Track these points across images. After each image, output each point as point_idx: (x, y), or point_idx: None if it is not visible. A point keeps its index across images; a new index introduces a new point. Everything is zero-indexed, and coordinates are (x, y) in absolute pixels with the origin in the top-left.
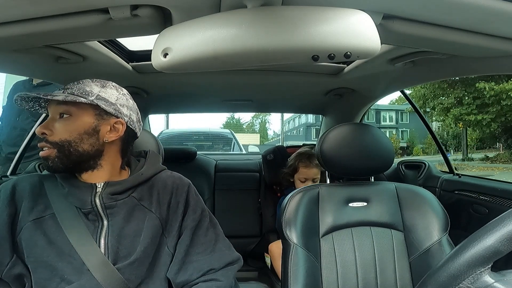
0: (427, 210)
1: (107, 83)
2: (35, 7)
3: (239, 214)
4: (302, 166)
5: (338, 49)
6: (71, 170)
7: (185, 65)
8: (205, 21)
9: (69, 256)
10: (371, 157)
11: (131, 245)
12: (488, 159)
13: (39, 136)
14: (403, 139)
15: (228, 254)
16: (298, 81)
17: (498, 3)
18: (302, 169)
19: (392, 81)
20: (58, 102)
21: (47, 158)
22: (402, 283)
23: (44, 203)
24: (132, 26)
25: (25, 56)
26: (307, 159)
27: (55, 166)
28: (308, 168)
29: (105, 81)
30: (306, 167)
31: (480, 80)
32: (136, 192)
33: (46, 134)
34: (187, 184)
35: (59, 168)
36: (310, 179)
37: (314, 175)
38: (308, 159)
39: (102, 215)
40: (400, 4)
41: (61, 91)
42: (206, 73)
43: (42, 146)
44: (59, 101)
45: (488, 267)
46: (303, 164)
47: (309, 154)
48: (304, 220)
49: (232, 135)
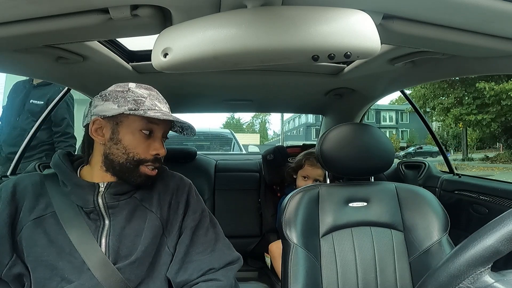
0: (427, 210)
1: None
2: (35, 7)
3: (239, 214)
4: (308, 164)
5: (338, 49)
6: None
7: (185, 65)
8: (205, 21)
9: (69, 255)
10: (371, 157)
11: (132, 245)
12: (488, 159)
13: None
14: (403, 139)
15: (228, 253)
16: (298, 81)
17: (498, 3)
18: (307, 167)
19: (392, 81)
20: (169, 126)
21: (153, 178)
22: (402, 283)
23: (45, 202)
24: (132, 26)
25: (25, 56)
26: (314, 158)
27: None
28: (313, 167)
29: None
30: (311, 165)
31: (480, 80)
32: (138, 193)
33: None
34: (188, 184)
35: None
36: (312, 179)
37: (317, 175)
38: (316, 159)
39: (104, 215)
40: (400, 4)
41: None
42: (206, 73)
43: (157, 168)
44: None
45: (488, 267)
46: (309, 162)
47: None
48: (304, 220)
49: (232, 135)
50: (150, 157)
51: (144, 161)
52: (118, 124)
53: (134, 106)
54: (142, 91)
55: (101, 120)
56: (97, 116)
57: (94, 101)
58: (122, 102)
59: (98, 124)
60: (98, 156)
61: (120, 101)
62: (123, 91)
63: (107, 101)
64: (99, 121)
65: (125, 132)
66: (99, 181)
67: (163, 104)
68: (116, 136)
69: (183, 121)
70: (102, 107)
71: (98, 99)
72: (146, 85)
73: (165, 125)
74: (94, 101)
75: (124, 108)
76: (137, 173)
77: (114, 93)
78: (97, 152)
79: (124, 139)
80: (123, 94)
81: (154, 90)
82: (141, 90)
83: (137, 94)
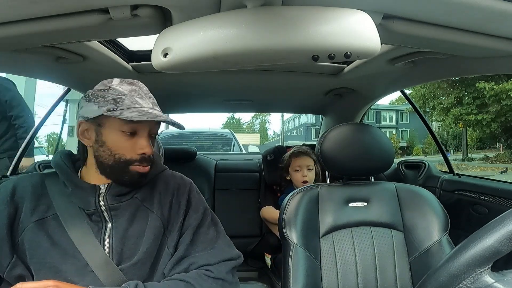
0: (427, 210)
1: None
2: (35, 7)
3: (239, 214)
4: (293, 157)
5: (338, 49)
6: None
7: (185, 65)
8: (205, 21)
9: (73, 257)
10: (371, 157)
11: (135, 246)
12: (488, 159)
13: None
14: (403, 139)
15: (227, 251)
16: (298, 81)
17: (498, 3)
18: (294, 159)
19: (392, 81)
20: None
21: (147, 175)
22: (402, 283)
23: (47, 204)
24: (132, 26)
25: (25, 56)
26: (297, 151)
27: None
28: (298, 157)
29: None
30: (296, 156)
31: (480, 80)
32: (139, 193)
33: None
34: (189, 183)
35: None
36: (304, 167)
37: (307, 163)
38: (298, 151)
39: (106, 217)
40: (400, 4)
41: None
42: (206, 73)
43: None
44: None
45: (488, 267)
46: (294, 155)
47: (299, 149)
48: (304, 220)
49: (232, 135)
50: (137, 157)
51: (132, 161)
52: (100, 126)
53: (113, 106)
54: (124, 88)
55: (85, 122)
56: (82, 118)
57: (80, 102)
58: (102, 102)
59: (83, 127)
60: (91, 158)
61: (100, 101)
62: (104, 90)
63: (90, 102)
64: (84, 123)
65: (107, 134)
66: (99, 183)
67: (145, 100)
68: (100, 138)
69: (163, 120)
70: (85, 109)
71: (83, 99)
72: (131, 80)
73: (150, 122)
74: (80, 102)
75: (103, 109)
76: (129, 173)
77: (96, 93)
78: (90, 154)
79: (108, 141)
80: (103, 93)
81: (138, 85)
82: (123, 87)
83: (118, 91)
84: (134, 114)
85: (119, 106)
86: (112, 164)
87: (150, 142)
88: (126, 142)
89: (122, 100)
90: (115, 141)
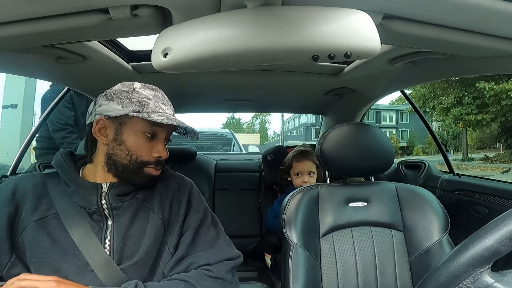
0: (427, 210)
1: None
2: (35, 7)
3: (239, 214)
4: (296, 160)
5: (338, 49)
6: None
7: (185, 65)
8: (205, 21)
9: (73, 256)
10: (371, 157)
11: (135, 246)
12: (488, 159)
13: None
14: (403, 139)
15: (227, 250)
16: (298, 81)
17: (498, 3)
18: (296, 163)
19: (392, 81)
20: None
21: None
22: (402, 283)
23: (48, 203)
24: (132, 26)
25: (25, 56)
26: (300, 154)
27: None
28: (301, 161)
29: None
30: (299, 161)
31: (480, 80)
32: (140, 193)
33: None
34: (189, 184)
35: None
36: (305, 172)
37: (308, 168)
38: (301, 154)
39: (107, 216)
40: (400, 4)
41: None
42: (206, 73)
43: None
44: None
45: (488, 267)
46: (296, 158)
47: (303, 150)
48: (304, 220)
49: (232, 135)
50: (152, 159)
51: (147, 163)
52: (121, 125)
53: (139, 107)
54: (147, 92)
55: (105, 120)
56: (101, 115)
57: (98, 100)
58: (127, 103)
59: (101, 124)
60: (101, 156)
61: (125, 102)
62: (128, 91)
63: (112, 101)
64: (103, 121)
65: (128, 134)
66: (102, 182)
67: (167, 107)
68: (119, 137)
69: (187, 126)
70: (106, 107)
71: (102, 98)
72: (152, 86)
73: (169, 127)
74: (99, 100)
75: (128, 110)
76: (141, 174)
77: (119, 93)
78: (100, 152)
79: (127, 141)
80: (128, 95)
81: (160, 91)
82: (146, 91)
83: (142, 95)
84: (162, 118)
85: (145, 109)
86: (126, 164)
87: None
88: (145, 144)
89: (147, 104)
90: (135, 142)
